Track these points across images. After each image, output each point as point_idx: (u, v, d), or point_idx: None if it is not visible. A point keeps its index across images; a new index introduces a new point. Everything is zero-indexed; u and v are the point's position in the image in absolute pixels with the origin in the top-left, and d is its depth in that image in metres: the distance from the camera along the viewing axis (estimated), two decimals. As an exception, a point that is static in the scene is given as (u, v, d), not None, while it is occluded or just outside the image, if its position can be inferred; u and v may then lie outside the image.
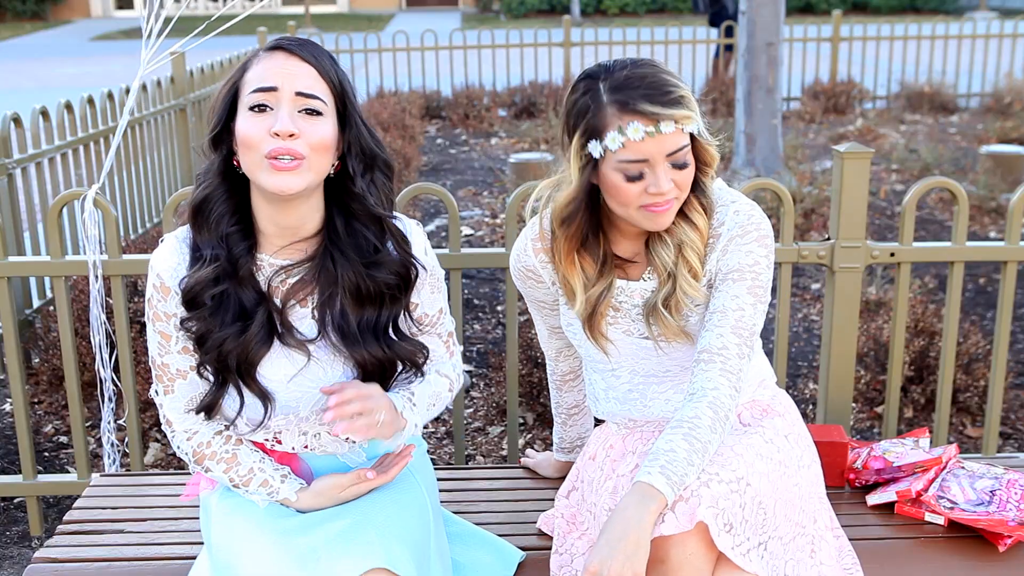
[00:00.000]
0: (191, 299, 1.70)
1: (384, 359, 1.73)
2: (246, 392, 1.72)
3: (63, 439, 3.51)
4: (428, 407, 1.81)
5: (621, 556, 1.52)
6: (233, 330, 1.68)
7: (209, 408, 1.75)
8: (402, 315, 1.79)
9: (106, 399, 2.69)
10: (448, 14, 26.61)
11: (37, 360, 3.80)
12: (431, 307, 1.84)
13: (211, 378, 1.73)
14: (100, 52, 18.73)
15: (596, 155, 1.71)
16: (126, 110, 2.73)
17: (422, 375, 1.83)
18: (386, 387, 1.77)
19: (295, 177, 1.61)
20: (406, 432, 1.75)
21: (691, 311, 1.82)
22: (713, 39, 10.68)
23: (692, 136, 1.73)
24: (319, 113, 1.62)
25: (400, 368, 1.78)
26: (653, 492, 1.58)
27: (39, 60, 17.65)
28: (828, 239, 2.60)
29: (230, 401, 1.74)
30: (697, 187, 1.79)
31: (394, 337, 1.76)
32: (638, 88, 1.67)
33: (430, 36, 10.23)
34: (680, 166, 1.71)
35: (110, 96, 5.24)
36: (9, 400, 3.74)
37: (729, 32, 10.26)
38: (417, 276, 1.78)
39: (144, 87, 5.80)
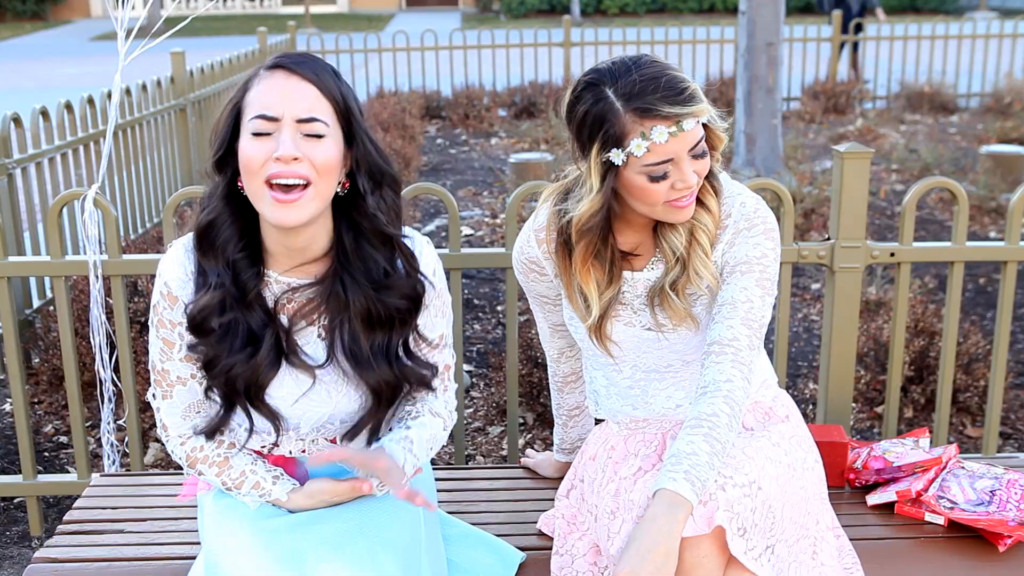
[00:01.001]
0: (197, 326, 1.67)
1: (396, 382, 1.72)
2: (255, 414, 1.71)
3: (63, 439, 3.51)
4: (427, 452, 1.79)
5: (651, 567, 1.52)
6: (242, 356, 1.65)
7: (214, 431, 1.73)
8: (411, 336, 1.76)
9: (106, 399, 2.70)
10: (448, 14, 26.62)
11: (37, 360, 3.80)
12: (431, 331, 1.79)
13: (219, 401, 1.71)
14: (100, 52, 18.73)
15: (618, 163, 1.71)
16: (112, 107, 2.73)
17: (432, 390, 1.81)
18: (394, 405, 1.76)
19: (298, 211, 1.57)
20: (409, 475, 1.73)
21: (698, 295, 1.83)
22: (826, 37, 10.75)
23: (704, 124, 1.74)
24: (322, 136, 1.58)
25: (408, 388, 1.76)
26: (680, 500, 1.57)
27: (39, 60, 17.66)
28: (828, 239, 2.60)
29: (240, 420, 1.73)
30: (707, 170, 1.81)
31: (406, 360, 1.74)
32: (655, 92, 1.68)
33: (430, 36, 10.23)
34: (700, 156, 1.73)
35: (110, 96, 5.24)
36: (9, 400, 3.74)
37: (847, 29, 10.58)
38: (425, 292, 1.74)
39: (144, 87, 5.80)
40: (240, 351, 1.65)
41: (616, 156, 1.70)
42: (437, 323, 1.79)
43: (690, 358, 1.88)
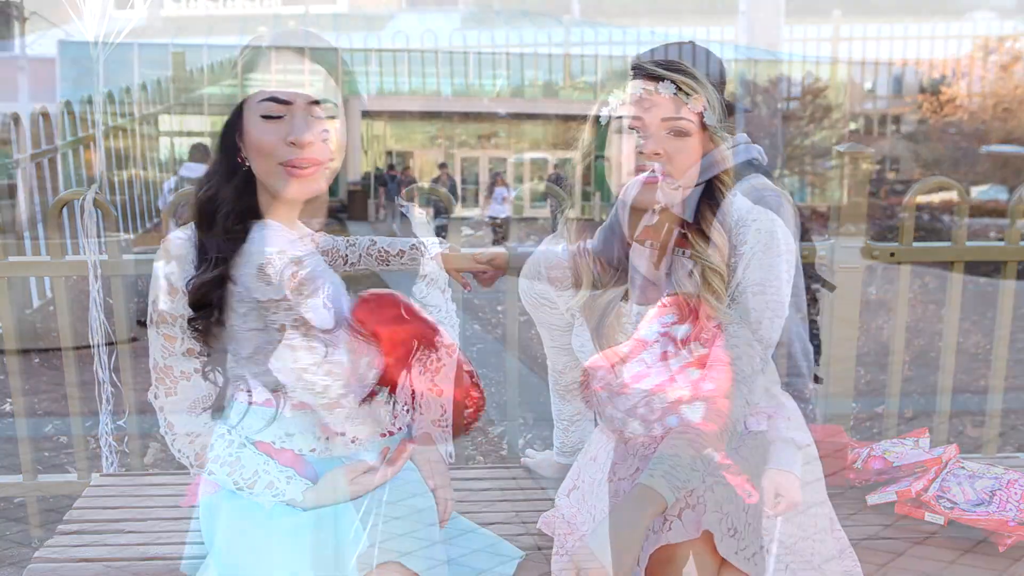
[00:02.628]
0: (197, 300, 1.69)
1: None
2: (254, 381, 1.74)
3: (63, 439, 3.50)
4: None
5: (608, 551, 1.52)
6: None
7: (220, 408, 1.77)
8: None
9: (103, 400, 2.69)
10: (448, 14, 26.60)
11: (37, 360, 3.80)
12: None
13: (218, 381, 1.74)
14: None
15: (604, 113, 1.74)
16: (97, 109, 2.74)
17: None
18: None
19: (314, 183, 1.63)
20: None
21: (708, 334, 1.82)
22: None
23: (705, 124, 1.73)
24: (333, 116, 1.62)
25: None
26: (653, 495, 1.57)
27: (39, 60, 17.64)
28: (828, 239, 2.60)
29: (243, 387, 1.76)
30: (715, 206, 1.78)
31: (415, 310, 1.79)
32: (653, 55, 1.75)
33: (430, 36, 10.24)
34: (679, 133, 1.70)
35: (110, 96, 5.24)
36: (9, 400, 3.74)
37: None
38: (419, 250, 1.83)
39: (144, 87, 5.81)
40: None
41: (604, 108, 1.75)
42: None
43: None
